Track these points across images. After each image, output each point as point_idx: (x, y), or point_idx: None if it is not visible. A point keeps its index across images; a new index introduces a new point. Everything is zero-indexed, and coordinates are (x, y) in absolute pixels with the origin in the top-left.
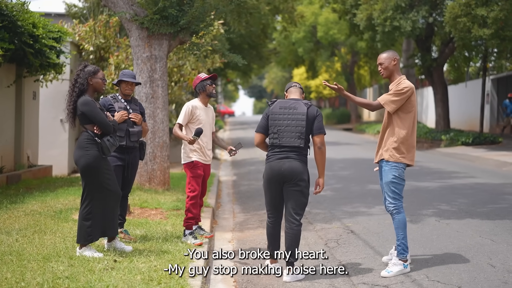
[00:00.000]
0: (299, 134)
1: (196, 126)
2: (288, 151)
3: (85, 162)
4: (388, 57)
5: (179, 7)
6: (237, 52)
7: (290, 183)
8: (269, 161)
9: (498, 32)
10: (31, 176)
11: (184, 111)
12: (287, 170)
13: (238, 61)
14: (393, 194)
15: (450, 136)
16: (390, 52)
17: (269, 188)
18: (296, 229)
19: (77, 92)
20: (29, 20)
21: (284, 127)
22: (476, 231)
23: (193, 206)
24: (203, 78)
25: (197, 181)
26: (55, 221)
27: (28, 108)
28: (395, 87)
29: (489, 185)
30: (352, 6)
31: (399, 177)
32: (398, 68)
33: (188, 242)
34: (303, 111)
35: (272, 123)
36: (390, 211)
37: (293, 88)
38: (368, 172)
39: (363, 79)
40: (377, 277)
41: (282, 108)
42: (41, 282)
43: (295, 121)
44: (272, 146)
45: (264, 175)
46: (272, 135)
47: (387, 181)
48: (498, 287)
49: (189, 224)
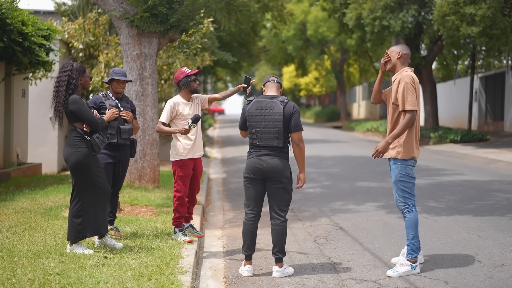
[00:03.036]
0: (277, 134)
1: (182, 122)
2: (268, 149)
3: (75, 159)
4: (394, 50)
5: (169, 5)
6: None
7: (272, 180)
8: (250, 157)
9: (486, 30)
10: (20, 174)
11: (167, 109)
12: (269, 167)
13: (227, 58)
14: (402, 192)
15: (439, 133)
16: (401, 45)
17: (251, 184)
18: (282, 225)
19: (70, 91)
20: (18, 17)
21: (262, 128)
22: (463, 227)
23: (180, 205)
24: (188, 74)
25: (184, 181)
26: (45, 218)
27: (17, 106)
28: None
29: (476, 182)
30: (341, 4)
31: (407, 175)
32: (404, 62)
33: (178, 239)
34: (279, 111)
35: (250, 124)
36: (401, 210)
37: (270, 83)
38: (357, 170)
39: (352, 77)
40: (365, 272)
41: (258, 108)
42: (32, 279)
43: (272, 122)
44: (252, 145)
45: (245, 172)
46: (251, 136)
47: (395, 180)
48: (484, 282)
49: (178, 223)
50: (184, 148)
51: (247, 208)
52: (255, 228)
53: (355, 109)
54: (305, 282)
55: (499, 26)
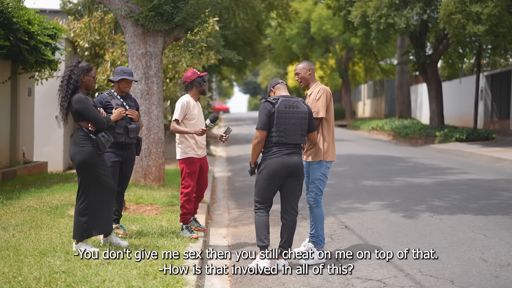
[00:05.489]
0: (302, 132)
1: (190, 122)
2: (293, 147)
3: (81, 158)
4: (304, 68)
5: (174, 4)
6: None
7: (294, 177)
8: (275, 156)
9: (492, 28)
10: (26, 172)
11: (180, 107)
12: (295, 165)
13: (233, 57)
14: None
15: (444, 132)
16: (305, 62)
17: (272, 181)
18: (295, 219)
19: (72, 88)
20: (25, 16)
21: (290, 126)
22: (469, 226)
23: (187, 202)
24: (200, 75)
25: (192, 177)
26: (51, 216)
27: (24, 105)
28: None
29: (482, 181)
30: (346, 2)
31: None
32: (313, 77)
33: (185, 236)
34: (305, 109)
35: (279, 121)
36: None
37: (281, 85)
38: (362, 168)
39: (357, 76)
40: (370, 271)
41: (287, 107)
42: (38, 277)
43: (300, 119)
44: (277, 143)
45: (267, 170)
46: (278, 133)
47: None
48: (490, 281)
49: (185, 219)
50: (191, 147)
51: (262, 205)
52: (268, 221)
53: (360, 107)
54: (310, 281)
55: (505, 24)
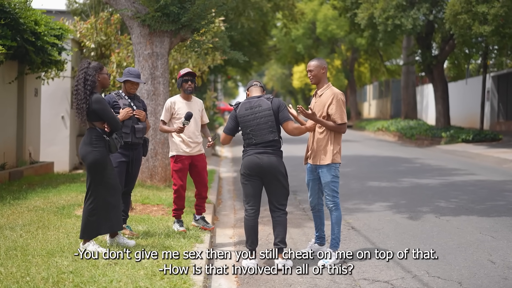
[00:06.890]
0: (270, 129)
1: (178, 121)
2: (265, 146)
3: (93, 158)
4: (318, 66)
5: (180, 4)
6: (238, 49)
7: (269, 177)
8: (247, 155)
9: (499, 29)
10: (33, 172)
11: (164, 108)
12: (266, 164)
13: (239, 58)
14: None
15: (451, 133)
16: (319, 60)
17: (248, 181)
18: (283, 217)
19: (89, 89)
20: (31, 17)
21: (255, 126)
22: (476, 228)
23: (177, 198)
24: (181, 75)
25: (178, 174)
26: (58, 217)
27: (30, 105)
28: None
29: (489, 182)
30: (352, 3)
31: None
32: (326, 76)
33: (174, 229)
34: (268, 106)
35: (243, 125)
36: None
37: (254, 87)
38: (368, 169)
39: (363, 76)
40: (377, 273)
41: (248, 109)
42: (46, 277)
43: (264, 117)
44: (249, 145)
45: (242, 169)
46: (246, 136)
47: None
48: (498, 283)
49: (176, 214)
50: (177, 145)
51: (247, 204)
52: (256, 223)
53: (365, 108)
54: (317, 282)
55: (511, 25)
